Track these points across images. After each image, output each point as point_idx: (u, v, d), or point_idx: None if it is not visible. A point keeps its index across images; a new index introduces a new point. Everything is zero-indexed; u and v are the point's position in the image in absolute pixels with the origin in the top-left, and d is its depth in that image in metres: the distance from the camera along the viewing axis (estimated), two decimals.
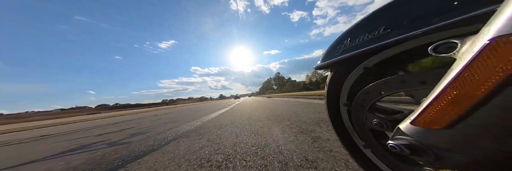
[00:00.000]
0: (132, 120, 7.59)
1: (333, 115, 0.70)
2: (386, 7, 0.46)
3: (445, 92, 0.29)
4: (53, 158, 2.22)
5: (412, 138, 0.36)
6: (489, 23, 0.26)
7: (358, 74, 0.57)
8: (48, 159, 2.20)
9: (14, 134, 7.33)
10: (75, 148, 2.66)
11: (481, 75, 0.26)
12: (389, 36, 0.42)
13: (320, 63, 0.68)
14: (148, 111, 19.53)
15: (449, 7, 0.33)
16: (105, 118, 13.13)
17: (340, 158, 1.15)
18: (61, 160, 2.06)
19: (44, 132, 6.68)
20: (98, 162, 1.76)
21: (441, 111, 0.30)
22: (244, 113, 4.75)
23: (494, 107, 0.25)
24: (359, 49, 0.50)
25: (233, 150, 1.58)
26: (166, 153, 1.75)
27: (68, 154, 2.34)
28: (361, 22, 0.54)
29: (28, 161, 2.21)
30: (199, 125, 3.42)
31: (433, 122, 0.32)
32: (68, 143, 3.24)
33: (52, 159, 2.14)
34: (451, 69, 0.29)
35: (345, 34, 0.59)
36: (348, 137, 0.67)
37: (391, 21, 0.44)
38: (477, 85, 0.26)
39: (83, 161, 1.86)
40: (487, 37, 0.25)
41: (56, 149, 2.75)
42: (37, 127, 10.86)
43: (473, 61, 0.26)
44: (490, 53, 0.25)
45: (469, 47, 0.28)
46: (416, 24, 0.38)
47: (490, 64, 0.25)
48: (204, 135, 2.44)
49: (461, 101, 0.28)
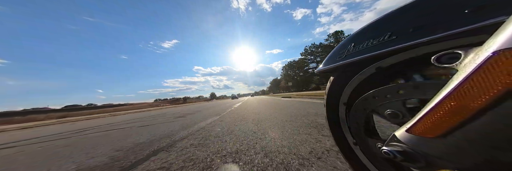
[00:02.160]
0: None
1: (331, 114, 0.71)
2: (393, 13, 0.46)
3: (444, 102, 0.30)
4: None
5: (406, 145, 0.37)
6: (495, 35, 0.26)
7: (359, 80, 0.57)
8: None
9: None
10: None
11: (480, 88, 0.26)
12: (394, 43, 0.42)
13: (322, 67, 0.68)
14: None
15: (457, 16, 0.33)
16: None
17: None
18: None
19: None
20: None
21: (437, 121, 0.31)
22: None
23: (490, 119, 0.25)
24: (363, 55, 0.50)
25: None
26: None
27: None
28: (366, 27, 0.54)
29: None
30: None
31: (429, 131, 0.32)
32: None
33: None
34: (452, 80, 0.29)
35: (349, 39, 0.59)
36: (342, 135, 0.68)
37: (397, 27, 0.44)
38: (475, 97, 0.26)
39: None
40: (491, 49, 0.25)
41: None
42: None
43: (474, 73, 0.26)
44: (491, 66, 0.25)
45: (472, 59, 0.28)
46: (422, 32, 0.38)
47: (491, 77, 0.25)
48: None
49: (458, 111, 0.28)
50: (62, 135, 3.99)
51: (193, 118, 4.56)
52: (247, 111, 5.23)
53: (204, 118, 4.28)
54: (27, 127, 8.19)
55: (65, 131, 4.88)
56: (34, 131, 6.22)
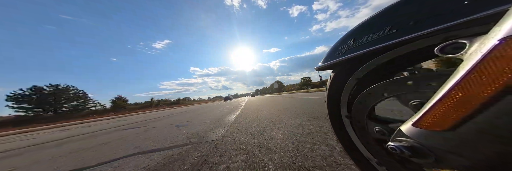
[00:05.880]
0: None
1: (333, 109, 0.70)
2: (392, 6, 0.46)
3: (451, 94, 0.29)
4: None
5: (413, 140, 0.36)
6: (500, 23, 0.25)
7: (361, 75, 0.56)
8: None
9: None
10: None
11: (488, 76, 0.25)
12: (395, 37, 0.42)
13: (322, 64, 0.67)
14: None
15: (458, 6, 0.32)
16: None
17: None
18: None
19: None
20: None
21: (445, 113, 0.30)
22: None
23: (501, 109, 0.25)
24: (363, 50, 0.50)
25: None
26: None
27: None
28: (366, 22, 0.53)
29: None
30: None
31: (436, 124, 0.31)
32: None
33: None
34: (458, 70, 0.29)
35: (348, 34, 0.58)
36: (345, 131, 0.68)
37: (397, 21, 0.43)
38: (484, 87, 0.25)
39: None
40: (497, 37, 0.24)
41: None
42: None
43: (481, 62, 0.25)
44: (499, 53, 0.24)
45: (478, 48, 0.27)
46: (422, 24, 0.37)
47: (499, 65, 0.24)
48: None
49: (466, 102, 0.27)
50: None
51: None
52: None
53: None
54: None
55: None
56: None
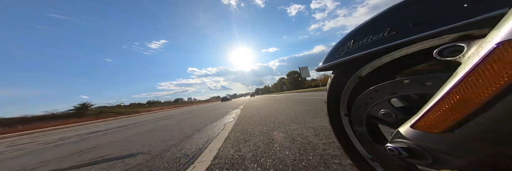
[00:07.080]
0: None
1: (333, 111, 0.70)
2: (392, 9, 0.46)
3: (448, 96, 0.29)
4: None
5: (411, 141, 0.36)
6: (497, 27, 0.25)
7: (360, 76, 0.57)
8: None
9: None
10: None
11: (486, 80, 0.25)
12: (394, 39, 0.42)
13: (322, 65, 0.67)
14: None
15: (456, 10, 0.33)
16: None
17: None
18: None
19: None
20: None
21: (443, 115, 0.30)
22: None
23: (498, 112, 0.25)
24: (363, 51, 0.50)
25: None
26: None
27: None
28: (366, 24, 0.54)
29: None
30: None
31: (434, 126, 0.32)
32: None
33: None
34: (456, 73, 0.29)
35: (348, 36, 0.59)
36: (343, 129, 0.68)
37: (396, 23, 0.43)
38: (481, 90, 0.26)
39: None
40: (495, 40, 0.25)
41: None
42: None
43: (478, 65, 0.26)
44: (496, 57, 0.24)
45: (475, 51, 0.27)
46: (421, 27, 0.37)
47: (496, 69, 0.24)
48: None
49: (464, 105, 0.27)
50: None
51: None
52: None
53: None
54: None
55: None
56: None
